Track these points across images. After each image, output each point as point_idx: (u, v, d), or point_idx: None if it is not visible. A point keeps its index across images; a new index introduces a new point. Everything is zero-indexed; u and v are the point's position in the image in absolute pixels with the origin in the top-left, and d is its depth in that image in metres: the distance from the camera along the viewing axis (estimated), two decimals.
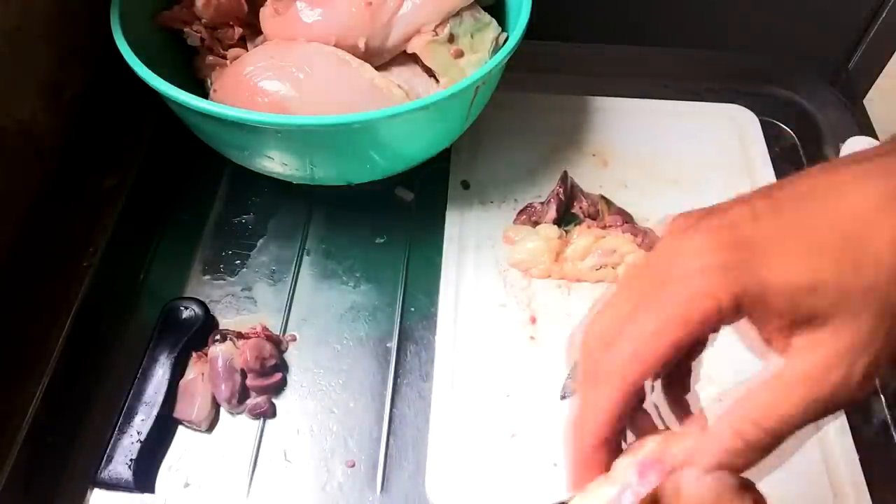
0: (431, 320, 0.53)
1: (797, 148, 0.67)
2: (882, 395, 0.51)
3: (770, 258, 0.24)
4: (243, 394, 0.49)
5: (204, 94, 0.54)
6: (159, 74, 0.48)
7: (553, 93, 0.67)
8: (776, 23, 0.73)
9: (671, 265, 0.25)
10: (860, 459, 0.47)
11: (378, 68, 0.52)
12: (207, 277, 0.56)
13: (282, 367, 0.51)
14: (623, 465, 0.26)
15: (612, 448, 0.26)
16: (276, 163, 0.51)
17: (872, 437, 0.49)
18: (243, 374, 0.49)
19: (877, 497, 0.45)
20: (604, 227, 0.57)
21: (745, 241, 0.24)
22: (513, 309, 0.53)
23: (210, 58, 0.56)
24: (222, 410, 0.49)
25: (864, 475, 0.46)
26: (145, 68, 0.48)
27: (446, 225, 0.58)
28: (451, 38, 0.53)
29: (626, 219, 0.57)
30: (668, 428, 0.28)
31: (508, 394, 0.49)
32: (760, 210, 0.25)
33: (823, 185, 0.24)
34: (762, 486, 0.26)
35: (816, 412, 0.24)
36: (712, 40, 0.74)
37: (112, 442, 0.46)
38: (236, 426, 0.49)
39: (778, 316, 0.24)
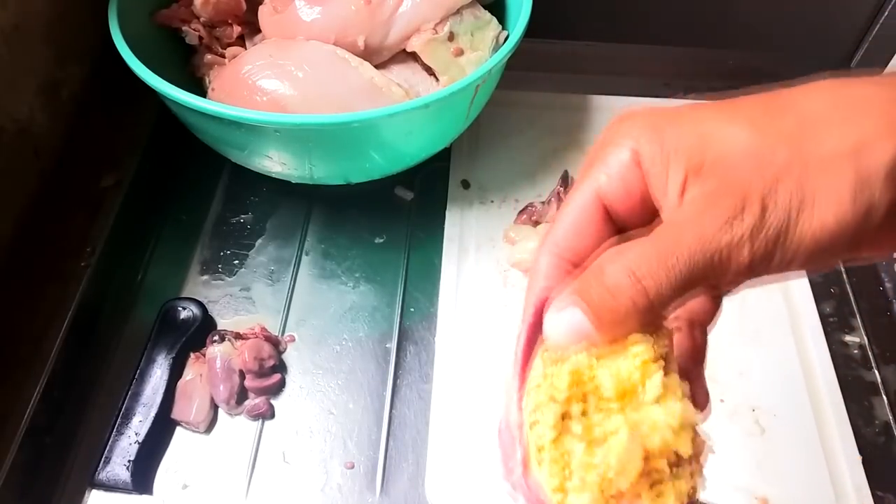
0: (431, 321, 0.53)
1: None
2: (884, 396, 0.51)
3: (695, 116, 0.24)
4: (242, 395, 0.49)
5: (202, 92, 0.54)
6: (157, 73, 0.47)
7: (554, 91, 0.67)
8: (778, 22, 0.73)
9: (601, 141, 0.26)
10: (862, 461, 0.46)
11: (378, 67, 0.52)
12: (206, 277, 0.56)
13: (280, 367, 0.51)
14: None
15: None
16: (274, 162, 0.51)
17: (874, 437, 0.49)
18: (242, 375, 0.49)
19: (879, 498, 0.45)
20: None
21: (674, 112, 0.24)
22: (513, 309, 0.53)
23: (208, 56, 0.56)
24: (220, 411, 0.49)
25: (866, 476, 0.46)
26: (143, 67, 0.48)
27: (446, 225, 0.57)
28: (451, 37, 0.52)
29: None
30: None
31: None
32: (703, 105, 0.25)
33: (775, 94, 0.24)
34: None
35: (696, 274, 0.22)
36: (714, 39, 0.74)
37: (110, 443, 0.46)
38: (235, 427, 0.48)
39: (683, 157, 0.23)
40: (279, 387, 0.50)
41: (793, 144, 0.22)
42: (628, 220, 0.26)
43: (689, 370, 0.28)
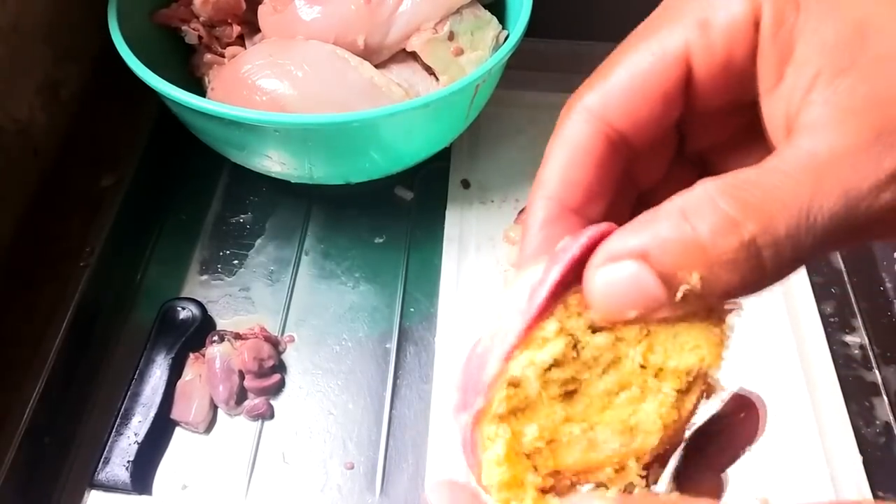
0: (431, 321, 0.53)
1: None
2: (885, 396, 0.51)
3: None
4: (241, 395, 0.49)
5: (202, 92, 0.54)
6: (157, 73, 0.47)
7: (554, 91, 0.67)
8: None
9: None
10: (862, 461, 0.46)
11: (377, 66, 0.52)
12: (205, 277, 0.56)
13: (280, 368, 0.51)
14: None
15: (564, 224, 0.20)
16: (274, 162, 0.51)
17: (874, 437, 0.49)
18: (241, 376, 0.49)
19: (879, 499, 0.45)
20: None
21: None
22: None
23: (208, 56, 0.56)
24: (220, 412, 0.49)
25: (866, 476, 0.46)
26: (143, 66, 0.48)
27: (446, 225, 0.57)
28: (451, 36, 0.52)
29: None
30: None
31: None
32: None
33: None
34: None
35: (838, 234, 0.16)
36: None
37: (109, 443, 0.46)
38: (234, 428, 0.48)
39: (823, 46, 0.16)
40: (279, 387, 0.50)
41: None
42: (696, 120, 0.19)
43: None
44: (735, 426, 0.21)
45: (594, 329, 0.19)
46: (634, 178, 0.21)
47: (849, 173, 0.15)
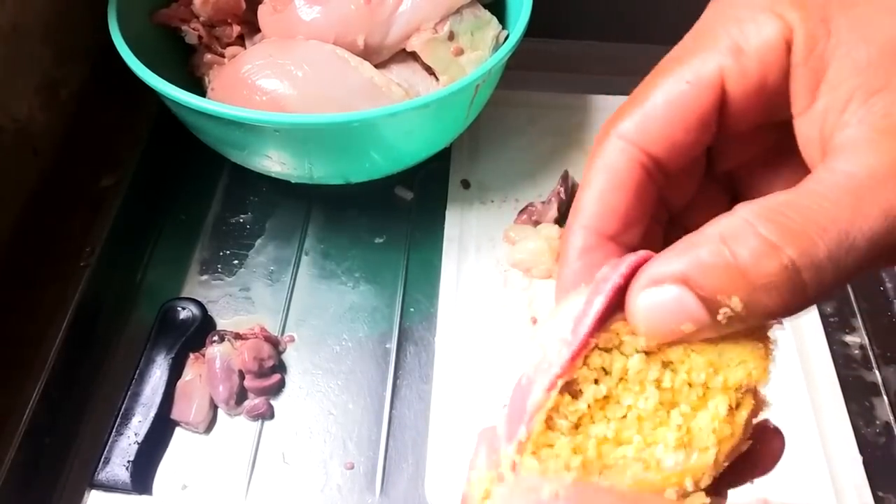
0: (431, 321, 0.53)
1: None
2: (885, 396, 0.51)
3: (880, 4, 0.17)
4: (241, 395, 0.49)
5: (202, 92, 0.54)
6: (157, 73, 0.47)
7: (554, 91, 0.67)
8: None
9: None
10: (862, 461, 0.46)
11: (377, 66, 0.52)
12: (205, 277, 0.56)
13: (280, 368, 0.51)
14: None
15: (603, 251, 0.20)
16: (274, 162, 0.51)
17: (874, 437, 0.49)
18: (241, 376, 0.49)
19: (879, 499, 0.45)
20: None
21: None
22: (513, 309, 0.53)
23: (208, 56, 0.56)
24: (220, 412, 0.49)
25: (867, 476, 0.46)
26: (143, 66, 0.48)
27: (446, 225, 0.57)
28: (451, 36, 0.52)
29: None
30: None
31: (509, 396, 0.49)
32: None
33: None
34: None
35: (880, 250, 0.16)
36: None
37: (109, 443, 0.46)
38: (234, 428, 0.48)
39: (858, 64, 0.16)
40: (279, 387, 0.50)
41: None
42: (729, 146, 0.19)
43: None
44: (752, 454, 0.21)
45: (639, 352, 0.19)
46: (666, 200, 0.22)
47: (888, 194, 0.15)
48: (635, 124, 0.19)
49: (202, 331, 0.51)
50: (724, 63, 0.18)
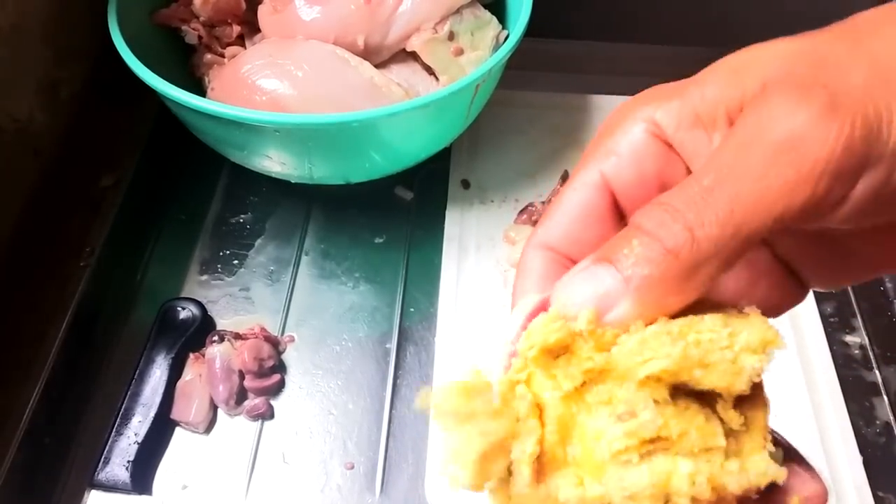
0: (431, 321, 0.53)
1: None
2: (885, 396, 0.51)
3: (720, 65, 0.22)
4: (241, 395, 0.49)
5: (202, 92, 0.54)
6: (157, 73, 0.47)
7: (554, 91, 0.67)
8: (778, 22, 0.72)
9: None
10: (862, 461, 0.46)
11: (377, 66, 0.52)
12: (205, 277, 0.56)
13: (280, 368, 0.51)
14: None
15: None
16: (274, 162, 0.51)
17: (875, 437, 0.49)
18: (241, 376, 0.49)
19: (879, 499, 0.45)
20: None
21: (687, 80, 0.22)
22: None
23: (208, 56, 0.56)
24: (220, 412, 0.49)
25: (867, 476, 0.46)
26: (143, 66, 0.48)
27: (446, 225, 0.57)
28: (451, 36, 0.52)
29: None
30: None
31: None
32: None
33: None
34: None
35: (792, 206, 0.17)
36: (713, 38, 0.73)
37: (109, 443, 0.46)
38: (234, 428, 0.48)
39: (724, 102, 0.20)
40: (279, 387, 0.50)
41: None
42: None
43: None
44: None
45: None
46: None
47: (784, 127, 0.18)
48: (545, 230, 0.22)
49: (202, 331, 0.51)
50: (606, 169, 0.21)
